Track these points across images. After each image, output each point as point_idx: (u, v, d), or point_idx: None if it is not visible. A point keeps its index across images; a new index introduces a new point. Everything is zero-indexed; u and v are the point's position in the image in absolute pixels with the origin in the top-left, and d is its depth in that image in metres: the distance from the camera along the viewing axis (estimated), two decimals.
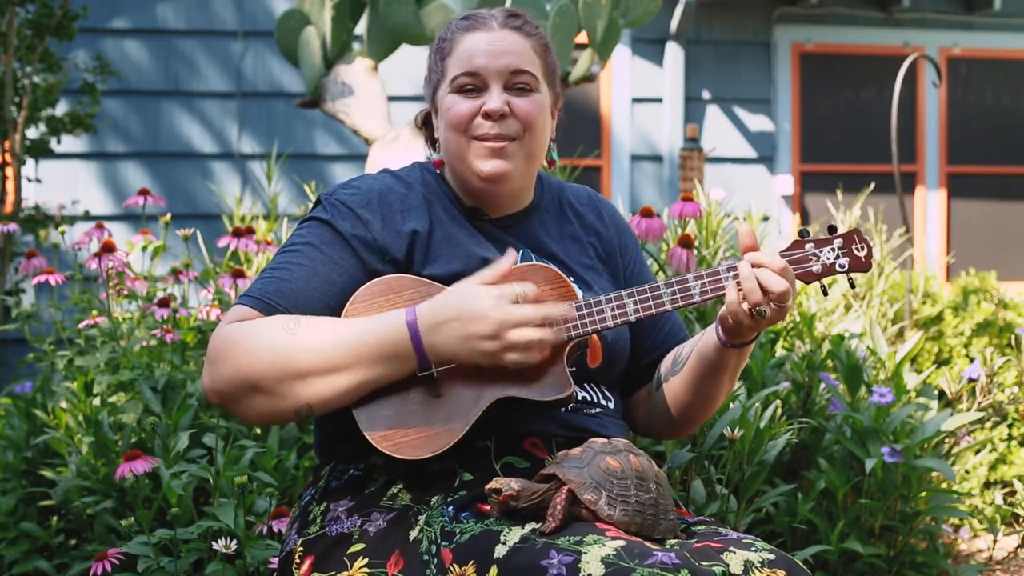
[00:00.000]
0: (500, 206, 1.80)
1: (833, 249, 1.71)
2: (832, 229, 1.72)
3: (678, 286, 1.67)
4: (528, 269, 1.68)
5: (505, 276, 1.61)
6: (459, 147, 1.74)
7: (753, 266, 1.63)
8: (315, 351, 1.55)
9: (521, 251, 1.78)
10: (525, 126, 1.73)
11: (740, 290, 1.63)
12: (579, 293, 1.71)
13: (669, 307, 1.67)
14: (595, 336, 1.68)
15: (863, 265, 1.72)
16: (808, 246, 1.72)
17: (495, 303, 1.54)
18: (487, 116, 1.71)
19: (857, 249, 1.72)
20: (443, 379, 1.60)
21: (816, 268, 1.71)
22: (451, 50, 1.76)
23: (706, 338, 1.75)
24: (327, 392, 1.57)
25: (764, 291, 1.61)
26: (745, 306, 1.63)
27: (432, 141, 1.87)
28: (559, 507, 1.50)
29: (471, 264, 1.70)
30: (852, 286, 1.76)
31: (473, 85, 1.73)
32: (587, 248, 1.86)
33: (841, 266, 1.71)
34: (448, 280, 1.66)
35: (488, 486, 1.52)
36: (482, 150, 1.72)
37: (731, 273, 1.66)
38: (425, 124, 1.89)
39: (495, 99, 1.71)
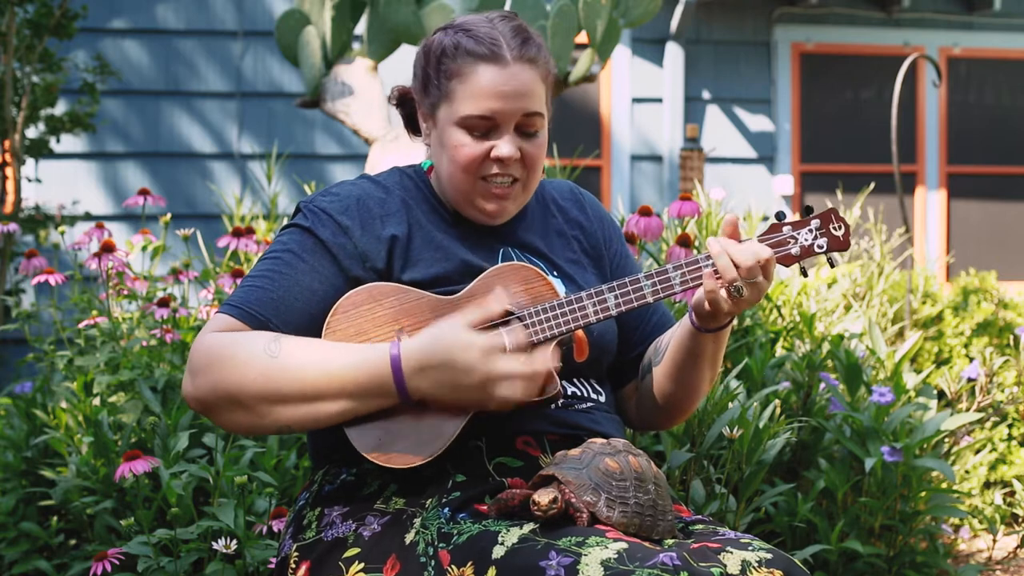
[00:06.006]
0: None
1: (811, 230, 1.71)
2: (808, 210, 1.72)
3: (658, 278, 1.67)
4: (507, 269, 1.67)
5: (484, 279, 1.62)
6: (465, 184, 1.72)
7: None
8: (298, 378, 1.55)
9: (502, 250, 1.77)
10: (529, 169, 1.73)
11: (717, 276, 1.64)
12: (561, 290, 1.71)
13: (651, 299, 1.67)
14: (580, 331, 1.68)
15: (841, 244, 1.72)
16: (786, 229, 1.71)
17: (483, 357, 1.53)
18: (497, 160, 1.70)
19: (835, 228, 1.72)
20: None
21: (795, 250, 1.70)
22: (458, 75, 1.69)
23: (683, 327, 1.75)
24: (310, 417, 1.57)
25: (736, 266, 1.62)
26: (723, 292, 1.64)
27: (410, 123, 1.85)
28: (568, 492, 1.51)
29: (451, 267, 1.69)
30: (832, 266, 1.75)
31: (485, 128, 1.70)
32: (571, 242, 1.86)
33: (820, 246, 1.71)
34: (430, 284, 1.66)
35: (540, 503, 1.48)
36: (488, 193, 1.72)
37: (709, 261, 1.66)
38: (401, 103, 1.86)
39: (507, 146, 1.69)
